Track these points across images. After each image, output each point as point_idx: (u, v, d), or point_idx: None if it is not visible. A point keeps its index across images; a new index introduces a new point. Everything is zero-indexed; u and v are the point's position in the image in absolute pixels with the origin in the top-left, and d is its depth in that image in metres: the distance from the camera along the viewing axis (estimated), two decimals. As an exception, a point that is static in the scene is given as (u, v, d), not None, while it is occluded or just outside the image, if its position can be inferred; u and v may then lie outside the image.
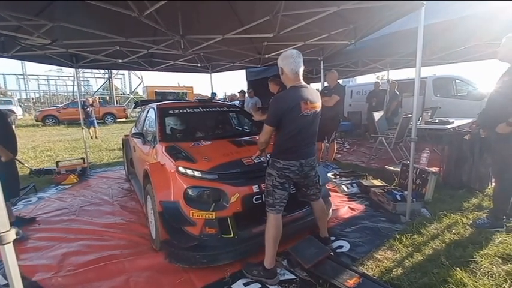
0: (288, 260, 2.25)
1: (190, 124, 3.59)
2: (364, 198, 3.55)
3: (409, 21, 4.05)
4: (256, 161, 2.41)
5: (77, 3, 2.56)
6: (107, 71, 27.15)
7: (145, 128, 3.63)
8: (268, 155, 2.24)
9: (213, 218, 2.16)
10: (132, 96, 29.50)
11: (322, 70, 5.47)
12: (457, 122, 5.07)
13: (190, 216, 2.17)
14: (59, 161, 5.39)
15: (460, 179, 3.66)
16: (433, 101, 7.54)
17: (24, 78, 34.91)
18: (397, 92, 7.43)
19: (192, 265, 2.14)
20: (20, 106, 23.61)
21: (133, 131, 3.86)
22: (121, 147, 5.44)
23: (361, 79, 12.42)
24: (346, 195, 3.76)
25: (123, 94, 31.92)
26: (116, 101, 27.93)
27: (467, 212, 2.96)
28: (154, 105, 3.51)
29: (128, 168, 4.55)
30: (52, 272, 2.22)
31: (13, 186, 2.99)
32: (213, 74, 7.02)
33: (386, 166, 4.49)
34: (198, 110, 3.47)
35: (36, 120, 16.92)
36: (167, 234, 2.27)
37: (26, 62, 29.78)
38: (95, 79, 33.66)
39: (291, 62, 1.99)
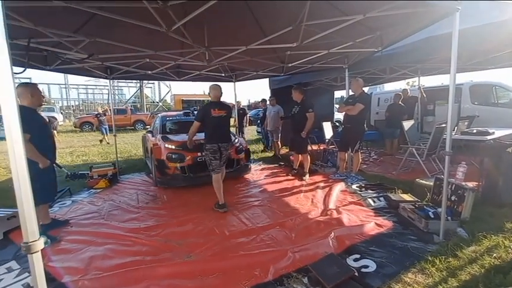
0: (308, 277, 2.16)
1: (175, 125, 6.04)
2: (392, 214, 3.34)
3: (441, 26, 3.84)
4: (199, 143, 4.03)
5: (110, 21, 2.73)
6: (138, 80, 28.82)
7: (154, 128, 6.10)
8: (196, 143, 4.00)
9: (178, 166, 4.53)
10: (160, 104, 30.87)
11: (347, 78, 5.33)
12: (498, 133, 4.65)
13: (169, 165, 4.52)
14: (92, 166, 5.72)
15: (501, 196, 3.32)
16: (469, 109, 7.02)
17: (66, 88, 38.06)
18: (401, 104, 6.85)
19: (168, 185, 4.66)
20: (61, 113, 25.72)
21: (149, 129, 6.33)
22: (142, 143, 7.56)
23: (390, 86, 11.91)
24: (372, 209, 3.56)
25: (153, 102, 33.57)
26: (146, 108, 29.41)
27: (509, 234, 2.65)
28: (160, 114, 6.61)
29: (145, 153, 6.63)
30: (79, 275, 2.32)
31: (50, 191, 3.19)
32: (237, 83, 7.14)
33: (417, 179, 4.18)
34: (181, 118, 6.14)
35: (75, 127, 18.27)
36: (159, 173, 4.64)
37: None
38: (128, 88, 35.91)
39: (213, 92, 3.70)
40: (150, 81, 32.18)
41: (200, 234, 3.04)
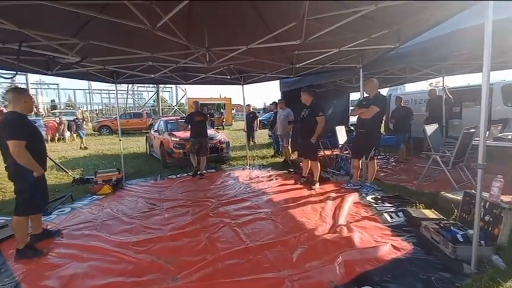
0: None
1: (174, 125, 8.07)
2: (413, 234, 2.90)
3: (466, 18, 3.39)
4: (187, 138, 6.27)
5: (100, 22, 2.56)
6: (154, 84, 29.45)
7: (159, 128, 8.33)
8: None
9: (181, 152, 6.75)
10: (176, 107, 31.34)
11: (361, 79, 4.90)
12: (540, 139, 4.04)
13: (175, 151, 6.81)
14: (96, 171, 5.65)
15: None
16: (502, 112, 6.29)
17: (89, 92, 39.81)
18: (404, 105, 6.88)
19: (174, 164, 6.86)
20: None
21: (152, 130, 9.10)
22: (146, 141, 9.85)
23: (412, 86, 11.15)
24: (389, 226, 3.14)
25: (170, 106, 34.19)
26: (163, 112, 29.96)
27: None
28: (162, 118, 9.51)
29: (149, 148, 9.07)
30: (54, 297, 2.12)
31: (41, 201, 2.96)
32: (252, 85, 6.94)
33: (442, 192, 3.68)
34: (178, 121, 8.33)
35: (94, 130, 18.81)
36: (169, 157, 6.93)
37: (91, 79, 34.17)
38: (147, 92, 36.95)
39: (195, 105, 6.25)
40: (167, 86, 32.87)
41: (192, 252, 2.76)
